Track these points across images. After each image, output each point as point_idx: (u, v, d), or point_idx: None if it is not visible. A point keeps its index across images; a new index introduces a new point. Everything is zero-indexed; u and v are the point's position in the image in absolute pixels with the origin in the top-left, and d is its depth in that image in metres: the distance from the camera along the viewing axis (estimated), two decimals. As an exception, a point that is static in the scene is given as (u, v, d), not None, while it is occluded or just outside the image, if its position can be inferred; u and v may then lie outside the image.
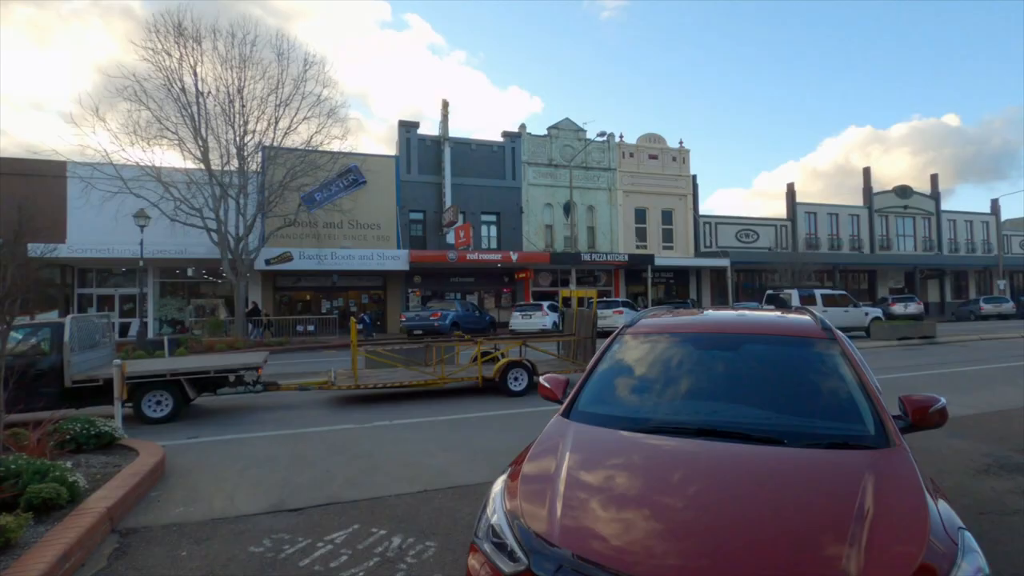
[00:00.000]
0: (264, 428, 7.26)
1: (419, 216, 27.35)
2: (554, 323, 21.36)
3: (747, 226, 35.06)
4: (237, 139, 18.28)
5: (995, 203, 44.91)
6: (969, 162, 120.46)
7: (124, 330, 22.71)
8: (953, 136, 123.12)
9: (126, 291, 23.76)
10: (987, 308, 32.43)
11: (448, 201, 26.72)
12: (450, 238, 26.89)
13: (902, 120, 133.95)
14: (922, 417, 2.47)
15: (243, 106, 18.08)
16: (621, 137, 31.61)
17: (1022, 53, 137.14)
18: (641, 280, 29.54)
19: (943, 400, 2.52)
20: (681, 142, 33.13)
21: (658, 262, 29.41)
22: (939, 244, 41.26)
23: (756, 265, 31.99)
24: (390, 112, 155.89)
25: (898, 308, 29.27)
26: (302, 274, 25.14)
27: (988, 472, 4.87)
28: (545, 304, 21.84)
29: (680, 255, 32.11)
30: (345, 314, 26.64)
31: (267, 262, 22.07)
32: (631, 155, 31.82)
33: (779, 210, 37.69)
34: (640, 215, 31.82)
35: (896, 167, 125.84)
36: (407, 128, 27.15)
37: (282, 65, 18.49)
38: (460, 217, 26.99)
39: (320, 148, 19.99)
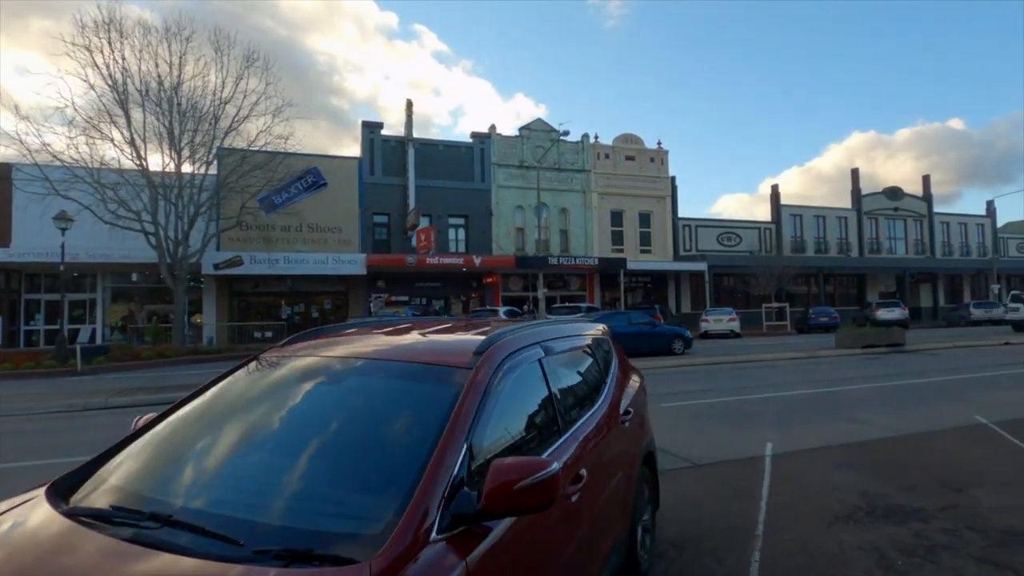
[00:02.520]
0: None
1: (383, 219, 26.56)
2: (511, 330, 20.48)
3: (729, 229, 34.07)
4: (174, 139, 17.55)
5: (991, 205, 43.77)
6: (973, 166, 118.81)
7: (73, 336, 22.00)
8: (957, 140, 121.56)
9: (75, 296, 23.06)
10: (977, 313, 31.19)
11: (412, 203, 25.92)
12: (415, 242, 26.10)
13: (906, 125, 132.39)
14: (501, 498, 1.54)
15: (178, 104, 17.36)
16: (596, 138, 30.76)
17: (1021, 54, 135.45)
18: (617, 284, 28.62)
19: (552, 468, 1.58)
20: (659, 143, 32.25)
21: (632, 266, 28.49)
22: (931, 247, 40.11)
23: (736, 269, 30.98)
24: (395, 119, 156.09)
25: (882, 313, 28.16)
26: (260, 279, 24.38)
27: (849, 519, 3.95)
28: (502, 309, 20.93)
29: (659, 258, 31.16)
30: (307, 320, 25.89)
31: (216, 267, 21.33)
32: (607, 156, 30.94)
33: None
34: (616, 218, 30.90)
35: (900, 171, 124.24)
36: (371, 129, 26.41)
37: (221, 62, 17.79)
38: (424, 220, 26.19)
39: (265, 149, 19.25)
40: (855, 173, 39.13)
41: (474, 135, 28.39)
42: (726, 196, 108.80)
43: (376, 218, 26.44)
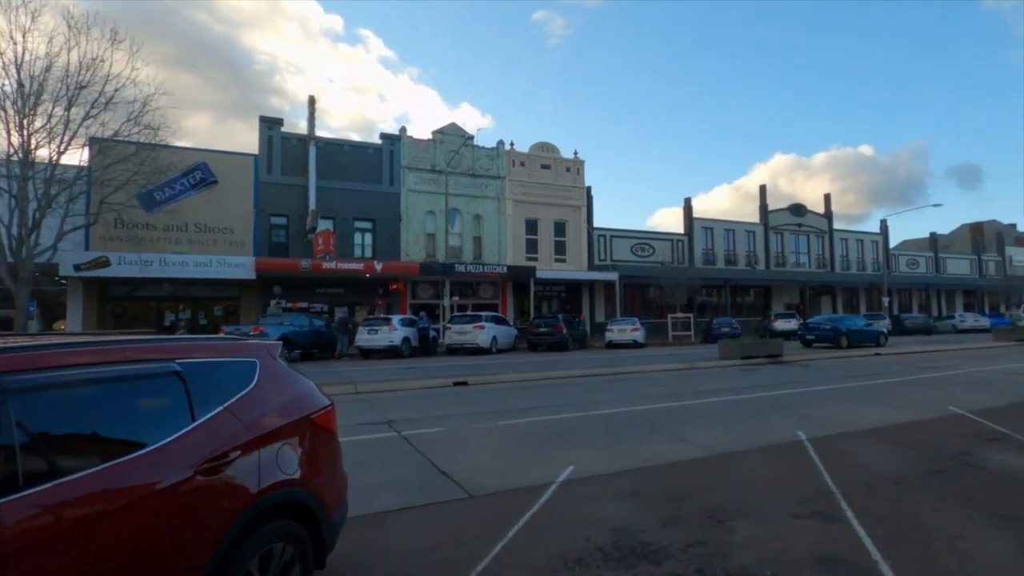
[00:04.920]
0: None
1: (282, 221, 25.03)
2: (405, 339, 19.58)
3: (643, 240, 34.67)
4: (15, 122, 15.58)
5: (884, 223, 46.96)
6: (882, 189, 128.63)
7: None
8: (867, 165, 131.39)
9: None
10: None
11: (313, 205, 24.58)
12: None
13: (823, 149, 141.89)
14: None
15: (21, 86, 15.46)
16: (512, 145, 30.49)
17: (922, 90, 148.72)
18: (530, 293, 28.32)
19: None
20: (576, 152, 32.42)
21: (544, 274, 28.29)
22: (831, 262, 42.52)
23: (647, 279, 31.46)
24: (340, 122, 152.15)
25: (779, 324, 29.33)
26: (137, 282, 22.29)
27: (579, 564, 3.45)
28: (396, 318, 20.00)
29: (574, 268, 31.19)
30: (194, 327, 23.94)
31: (76, 268, 19.25)
32: (522, 164, 30.72)
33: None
34: (531, 226, 30.68)
35: (816, 192, 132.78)
36: (269, 125, 24.90)
37: (77, 41, 16.01)
38: (327, 223, 24.92)
39: (134, 140, 17.48)
40: (763, 189, 40.98)
41: (383, 136, 27.41)
42: (663, 210, 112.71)
43: (273, 219, 24.89)
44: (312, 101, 25.30)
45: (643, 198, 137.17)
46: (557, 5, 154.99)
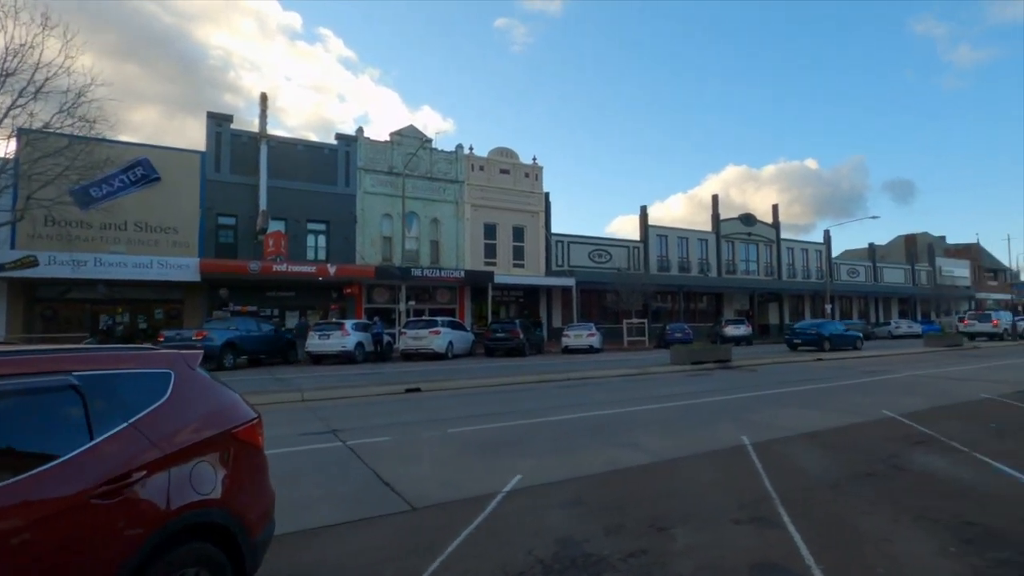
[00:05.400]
0: None
1: (230, 221, 24.11)
2: (359, 344, 19.13)
3: (600, 246, 35.13)
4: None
5: (827, 234, 49.23)
6: (825, 201, 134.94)
7: None
8: (813, 178, 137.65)
9: None
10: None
11: (264, 205, 23.78)
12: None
13: (771, 161, 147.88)
14: None
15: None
16: (471, 149, 30.40)
17: (861, 109, 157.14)
18: (489, 298, 28.23)
19: None
20: (534, 158, 32.62)
21: (502, 279, 28.28)
22: (779, 270, 44.21)
23: (603, 285, 31.88)
24: (297, 122, 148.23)
25: (730, 330, 30.24)
26: (73, 283, 20.97)
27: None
28: (349, 323, 19.53)
29: (531, 273, 31.28)
30: (132, 331, 22.70)
31: (0, 267, 17.96)
32: (481, 168, 30.66)
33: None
34: (490, 231, 30.63)
35: (766, 202, 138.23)
36: (218, 121, 23.97)
37: (3, 25, 14.93)
38: (278, 224, 24.16)
39: (65, 132, 16.46)
40: (715, 199, 42.29)
41: (339, 137, 26.83)
42: (621, 217, 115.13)
43: (221, 220, 23.95)
44: (264, 98, 24.52)
45: (601, 205, 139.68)
46: (519, 13, 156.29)
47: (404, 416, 9.02)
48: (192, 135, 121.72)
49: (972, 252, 62.34)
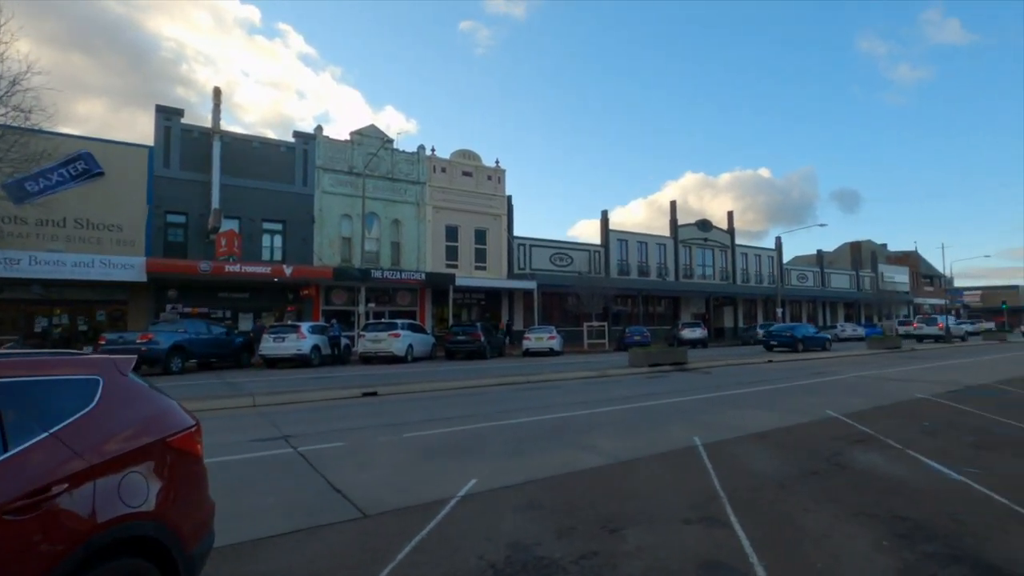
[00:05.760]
0: None
1: (180, 219, 23.17)
2: (315, 347, 18.67)
3: (561, 250, 35.44)
4: None
5: (778, 241, 51.12)
6: (778, 209, 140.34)
7: None
8: (766, 186, 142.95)
9: None
10: (762, 333, 35.75)
11: (217, 203, 22.97)
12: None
13: (728, 170, 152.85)
14: None
15: None
16: (433, 151, 30.19)
17: (811, 121, 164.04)
18: (449, 300, 28.04)
19: None
20: (497, 161, 32.64)
21: (463, 282, 28.17)
22: (733, 275, 45.60)
23: (564, 288, 32.16)
24: (255, 118, 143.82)
25: (686, 333, 30.97)
26: (4, 283, 19.71)
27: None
28: (305, 325, 19.04)
29: (493, 276, 31.27)
30: (72, 334, 21.50)
31: (-78, 265, 16.75)
32: (443, 170, 30.49)
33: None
34: (451, 233, 30.47)
35: (722, 209, 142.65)
36: (167, 115, 23.01)
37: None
38: (232, 223, 23.37)
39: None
40: (673, 205, 43.32)
41: (297, 135, 26.18)
42: (583, 221, 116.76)
43: (171, 217, 22.99)
44: (217, 92, 23.71)
45: (564, 209, 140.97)
46: (484, 16, 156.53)
47: (360, 421, 8.85)
48: (142, 129, 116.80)
49: (911, 259, 65.91)
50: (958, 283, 73.48)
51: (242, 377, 15.96)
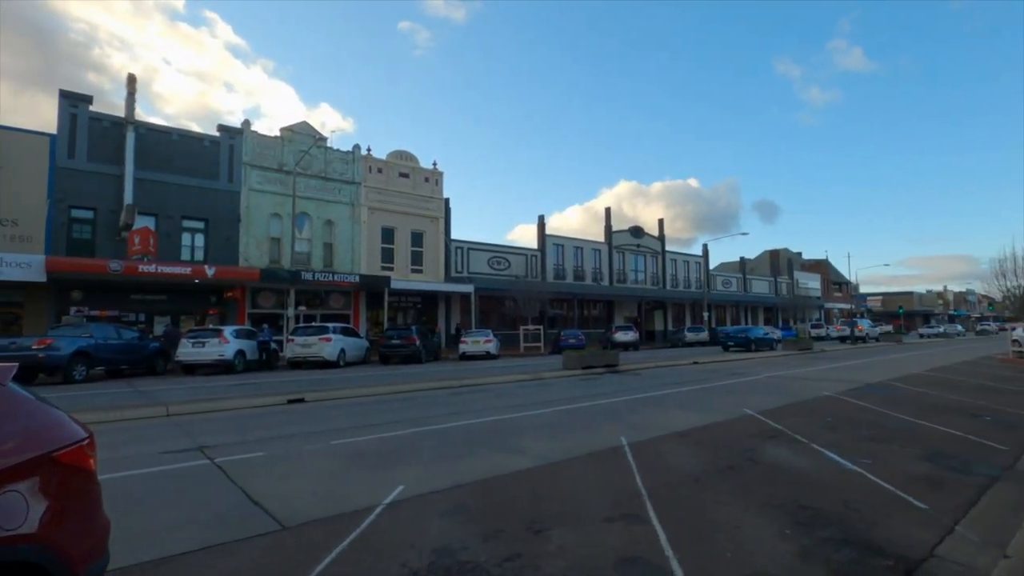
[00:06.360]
0: None
1: (87, 215, 21.43)
2: (239, 353, 17.77)
3: (499, 253, 35.62)
4: None
5: (705, 248, 53.74)
6: (705, 217, 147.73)
7: None
8: (694, 195, 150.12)
9: None
10: (690, 336, 37.53)
11: (130, 198, 21.42)
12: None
13: (659, 179, 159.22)
14: None
15: None
16: (369, 150, 29.56)
17: (735, 136, 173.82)
18: (384, 303, 27.47)
19: None
20: (435, 163, 32.41)
21: (399, 285, 27.73)
22: (664, 280, 47.48)
23: (502, 292, 32.34)
24: (177, 109, 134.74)
25: (619, 336, 31.93)
26: None
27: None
28: (228, 330, 18.10)
29: (431, 279, 30.96)
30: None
31: None
32: (379, 171, 29.92)
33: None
34: (387, 235, 29.92)
35: (654, 217, 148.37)
36: (72, 101, 21.23)
37: None
38: (147, 220, 21.86)
39: None
40: (608, 211, 44.58)
41: (222, 128, 24.89)
42: (522, 226, 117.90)
43: (76, 213, 21.22)
44: (132, 79, 22.13)
45: (503, 214, 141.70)
46: (424, 18, 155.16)
47: (284, 429, 8.50)
48: (46, 116, 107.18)
49: (822, 267, 71.17)
50: (863, 289, 79.98)
51: (156, 385, 14.94)
